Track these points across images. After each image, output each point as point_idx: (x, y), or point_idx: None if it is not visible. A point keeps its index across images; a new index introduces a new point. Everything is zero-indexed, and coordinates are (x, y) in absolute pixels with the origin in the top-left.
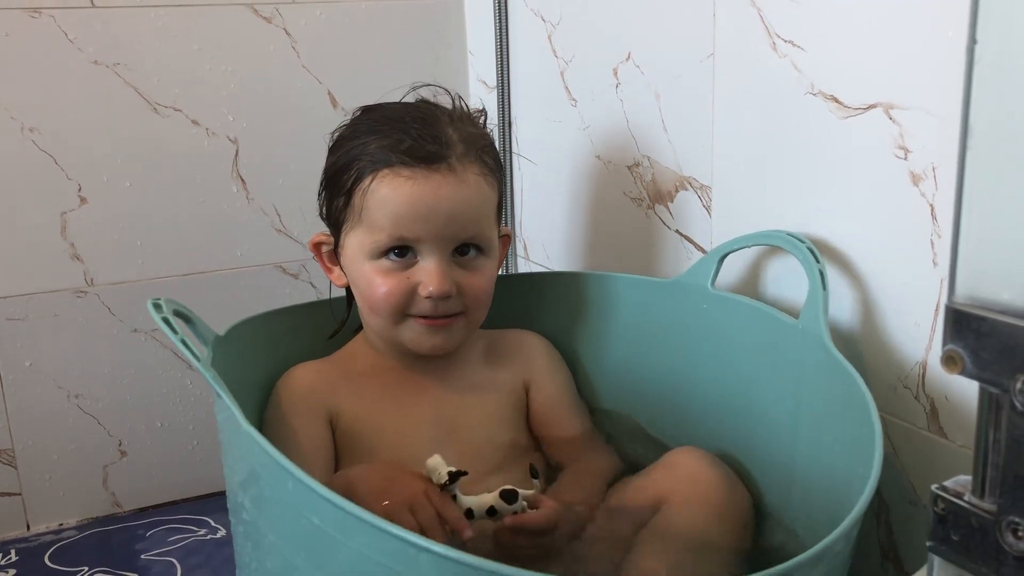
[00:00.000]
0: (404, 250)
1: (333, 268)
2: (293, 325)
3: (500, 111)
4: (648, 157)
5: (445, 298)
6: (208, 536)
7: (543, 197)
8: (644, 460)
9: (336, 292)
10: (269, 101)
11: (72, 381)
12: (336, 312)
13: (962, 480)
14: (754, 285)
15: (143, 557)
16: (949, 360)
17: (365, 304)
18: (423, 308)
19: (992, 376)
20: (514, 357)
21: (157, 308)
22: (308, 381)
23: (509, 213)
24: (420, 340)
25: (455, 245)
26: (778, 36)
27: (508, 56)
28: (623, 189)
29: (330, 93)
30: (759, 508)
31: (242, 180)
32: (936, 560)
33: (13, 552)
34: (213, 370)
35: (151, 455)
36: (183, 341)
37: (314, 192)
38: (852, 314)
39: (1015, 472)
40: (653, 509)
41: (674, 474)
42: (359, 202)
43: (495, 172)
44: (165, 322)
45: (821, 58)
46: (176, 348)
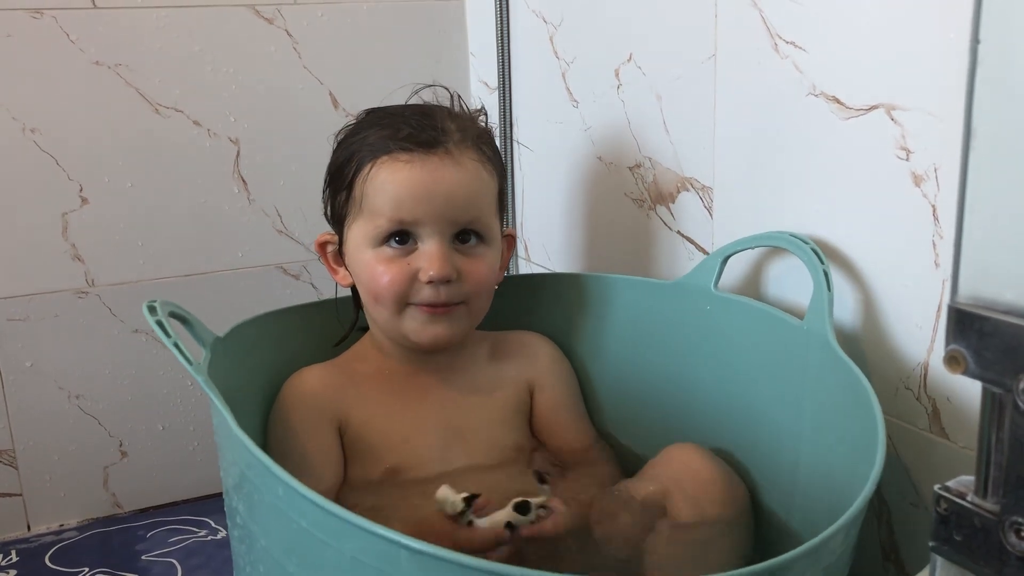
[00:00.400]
0: (405, 237)
1: (338, 268)
2: (294, 326)
3: (501, 112)
4: (649, 158)
5: (445, 281)
6: (209, 537)
7: (544, 198)
8: (644, 461)
9: (342, 294)
10: (270, 102)
11: (73, 382)
12: (343, 315)
13: (965, 480)
14: (755, 286)
15: (144, 558)
16: (952, 360)
17: (368, 295)
18: (424, 295)
19: (995, 376)
20: (518, 357)
21: (152, 311)
22: (315, 386)
23: (510, 213)
24: (421, 329)
25: (455, 230)
26: (780, 37)
27: (509, 57)
28: (624, 190)
29: (331, 94)
30: (761, 508)
31: (243, 181)
32: (938, 561)
33: (14, 553)
34: (205, 374)
35: (152, 456)
36: (176, 344)
37: (316, 192)
38: (853, 315)
39: (1018, 472)
40: (658, 502)
41: (674, 468)
42: (359, 191)
43: (493, 162)
44: (159, 325)
45: (822, 59)
46: None
